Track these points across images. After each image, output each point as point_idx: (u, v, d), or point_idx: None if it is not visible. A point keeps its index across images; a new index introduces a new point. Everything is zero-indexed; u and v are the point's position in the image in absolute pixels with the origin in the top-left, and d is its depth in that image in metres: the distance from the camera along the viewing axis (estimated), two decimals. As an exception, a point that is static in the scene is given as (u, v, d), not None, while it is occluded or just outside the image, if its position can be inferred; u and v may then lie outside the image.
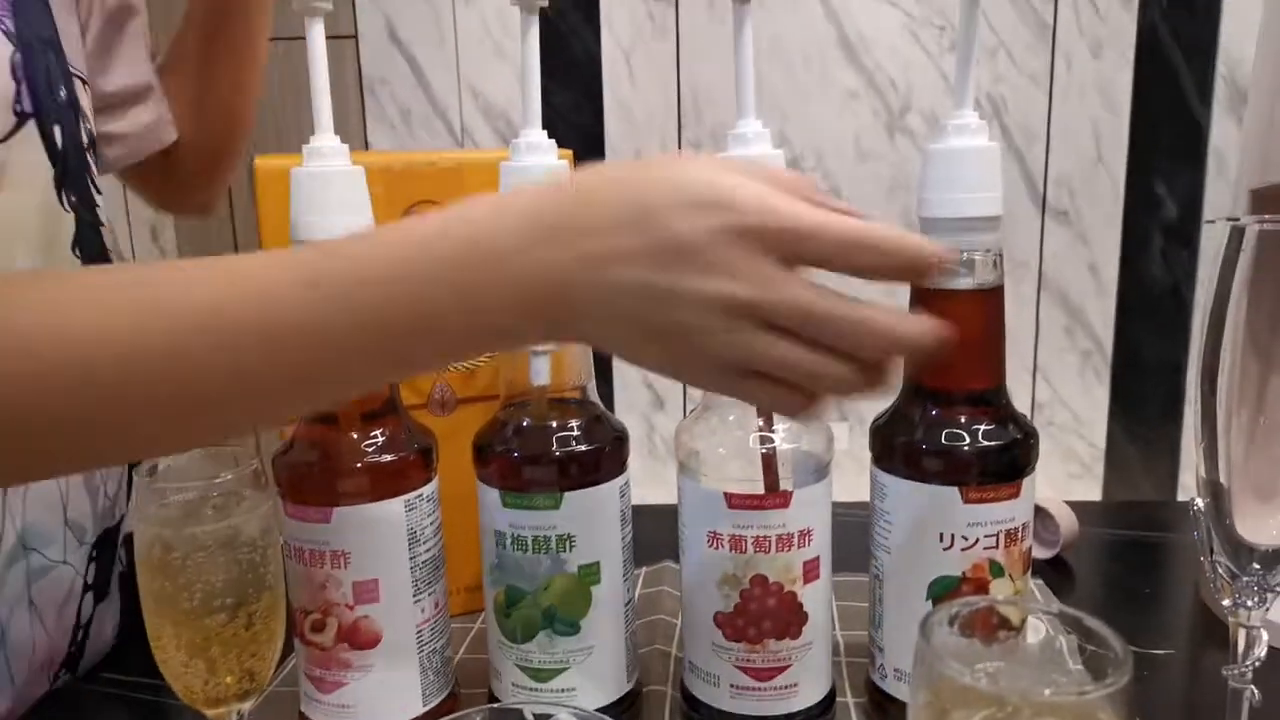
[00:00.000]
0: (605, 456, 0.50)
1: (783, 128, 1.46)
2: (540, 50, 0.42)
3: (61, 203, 0.56)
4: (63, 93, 0.57)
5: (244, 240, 1.61)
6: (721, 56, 1.60)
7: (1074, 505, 0.84)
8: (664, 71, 1.49)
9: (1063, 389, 1.48)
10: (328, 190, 0.42)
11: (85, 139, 0.60)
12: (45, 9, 0.57)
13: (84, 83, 0.63)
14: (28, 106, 0.53)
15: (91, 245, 0.59)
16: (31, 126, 0.54)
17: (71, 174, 0.58)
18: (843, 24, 1.43)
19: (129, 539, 0.64)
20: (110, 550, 0.64)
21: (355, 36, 1.51)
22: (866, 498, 0.55)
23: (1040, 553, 0.81)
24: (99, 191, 0.63)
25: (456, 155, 0.55)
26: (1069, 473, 1.48)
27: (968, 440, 0.46)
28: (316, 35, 0.43)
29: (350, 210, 0.43)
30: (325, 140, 0.43)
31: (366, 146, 1.55)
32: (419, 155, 0.53)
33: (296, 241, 0.44)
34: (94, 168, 0.62)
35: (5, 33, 0.51)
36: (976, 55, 0.44)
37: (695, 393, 1.34)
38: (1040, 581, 0.76)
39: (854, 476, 0.64)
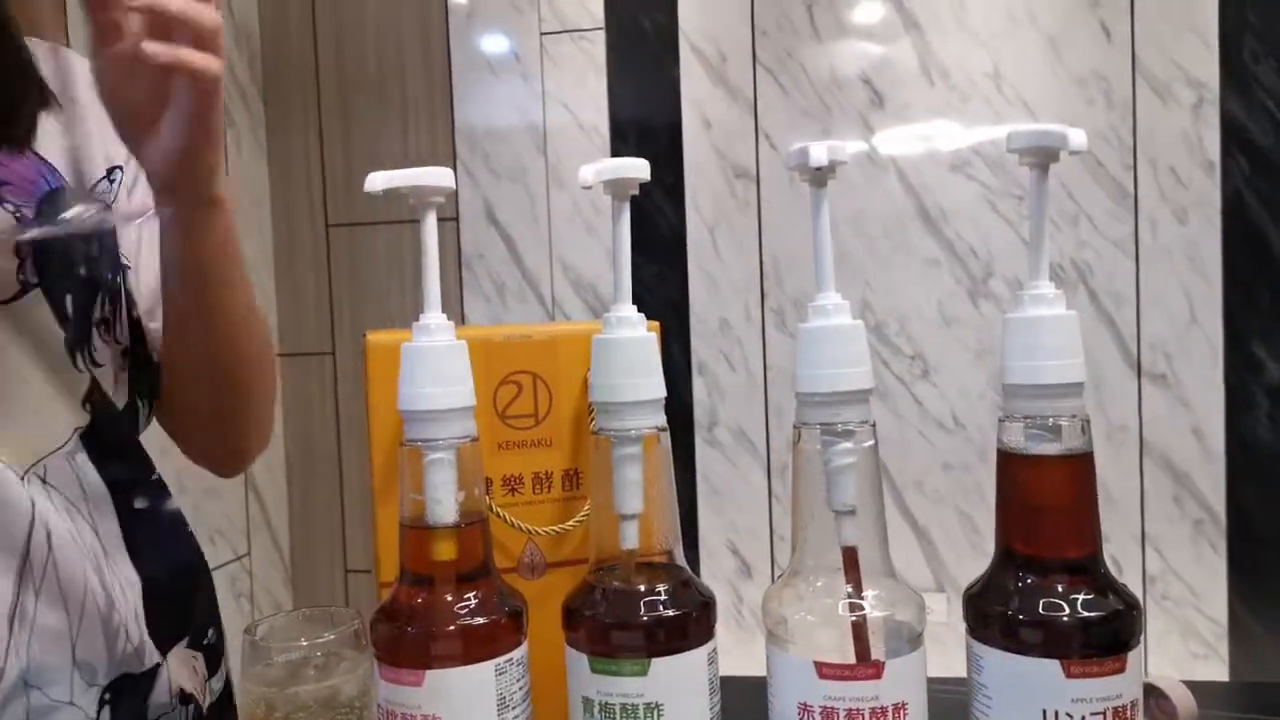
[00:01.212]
0: (693, 622, 0.50)
1: (865, 295, 1.49)
2: (630, 226, 0.45)
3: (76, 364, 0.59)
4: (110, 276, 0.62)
5: (345, 409, 1.69)
6: (801, 226, 1.66)
7: (1197, 686, 0.78)
8: (747, 243, 1.55)
9: (1175, 560, 1.40)
10: (435, 364, 0.46)
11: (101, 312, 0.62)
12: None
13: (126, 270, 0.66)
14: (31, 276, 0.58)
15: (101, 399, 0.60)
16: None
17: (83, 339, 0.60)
18: (921, 197, 1.48)
19: (187, 697, 0.64)
20: (135, 700, 0.62)
21: (456, 218, 1.62)
22: (965, 673, 0.53)
23: (1161, 738, 0.75)
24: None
25: (550, 328, 0.58)
26: (1191, 651, 1.38)
27: (1066, 610, 0.44)
28: (430, 224, 0.47)
29: (454, 381, 0.46)
30: (434, 318, 0.47)
31: (463, 317, 1.64)
32: (516, 328, 0.57)
33: (403, 412, 0.47)
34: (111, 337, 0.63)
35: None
36: (1051, 225, 0.45)
37: (783, 558, 1.31)
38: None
39: (955, 650, 0.62)
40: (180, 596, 0.65)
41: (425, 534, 0.45)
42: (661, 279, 1.54)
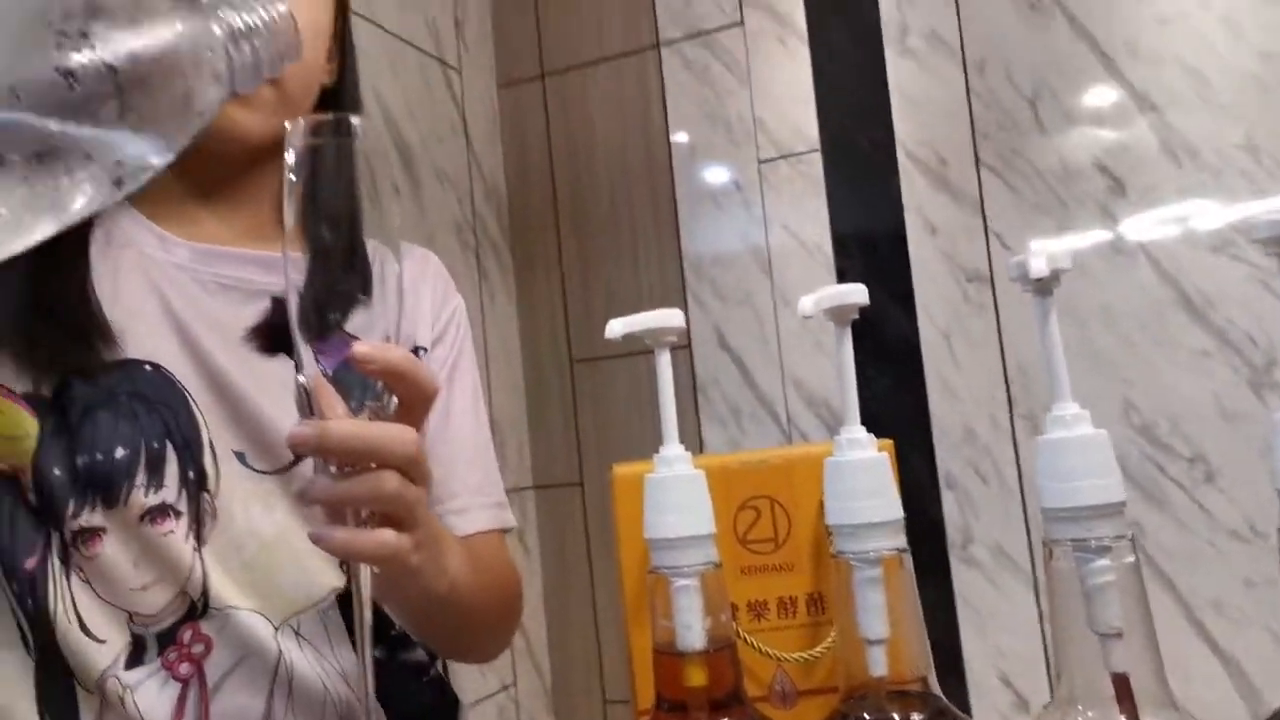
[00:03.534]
0: (952, 756, 0.48)
1: (1127, 394, 1.39)
2: (859, 339, 0.46)
3: None
4: None
5: (595, 539, 1.75)
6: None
7: None
8: (986, 348, 1.50)
9: None
10: (676, 493, 0.48)
11: None
12: None
13: None
14: None
15: None
16: None
17: None
18: (1180, 284, 1.37)
19: None
20: None
21: (689, 346, 1.69)
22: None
23: None
24: None
25: (784, 452, 0.59)
26: None
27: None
28: (664, 362, 0.51)
29: (693, 510, 0.49)
30: (672, 449, 0.50)
31: (701, 444, 1.67)
32: (752, 455, 0.58)
33: (648, 540, 0.49)
34: None
35: None
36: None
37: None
38: None
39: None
40: None
41: (676, 660, 0.47)
42: (897, 390, 1.51)
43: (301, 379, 0.40)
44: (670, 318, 0.50)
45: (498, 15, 1.87)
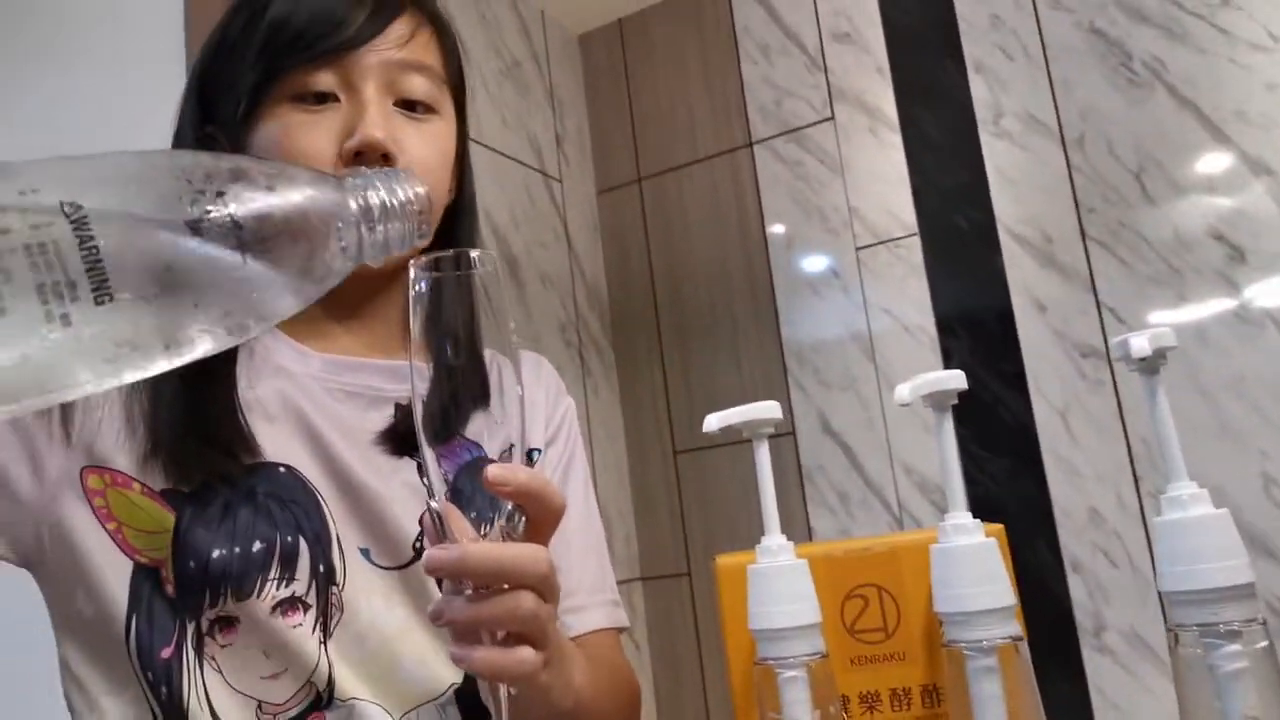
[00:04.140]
0: None
1: (1265, 468, 1.31)
2: (969, 422, 0.46)
3: None
4: None
5: (704, 628, 1.73)
6: (1172, 398, 1.48)
7: None
8: (1107, 425, 1.44)
9: None
10: (778, 584, 0.48)
11: None
12: None
13: None
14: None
15: None
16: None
17: None
18: (1315, 350, 1.30)
19: None
20: None
21: (793, 433, 1.67)
22: None
23: None
24: None
25: (890, 539, 0.59)
26: None
27: None
28: (763, 454, 0.51)
29: (797, 599, 0.48)
30: (774, 539, 0.50)
31: (809, 531, 1.64)
32: (856, 542, 0.58)
33: (753, 631, 0.49)
34: None
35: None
36: None
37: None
38: None
39: None
40: None
41: (786, 754, 0.46)
42: (1013, 473, 1.46)
43: (434, 504, 0.43)
44: (766, 410, 0.51)
45: (595, 127, 1.96)
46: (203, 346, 0.33)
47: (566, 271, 1.79)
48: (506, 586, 0.44)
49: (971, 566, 0.44)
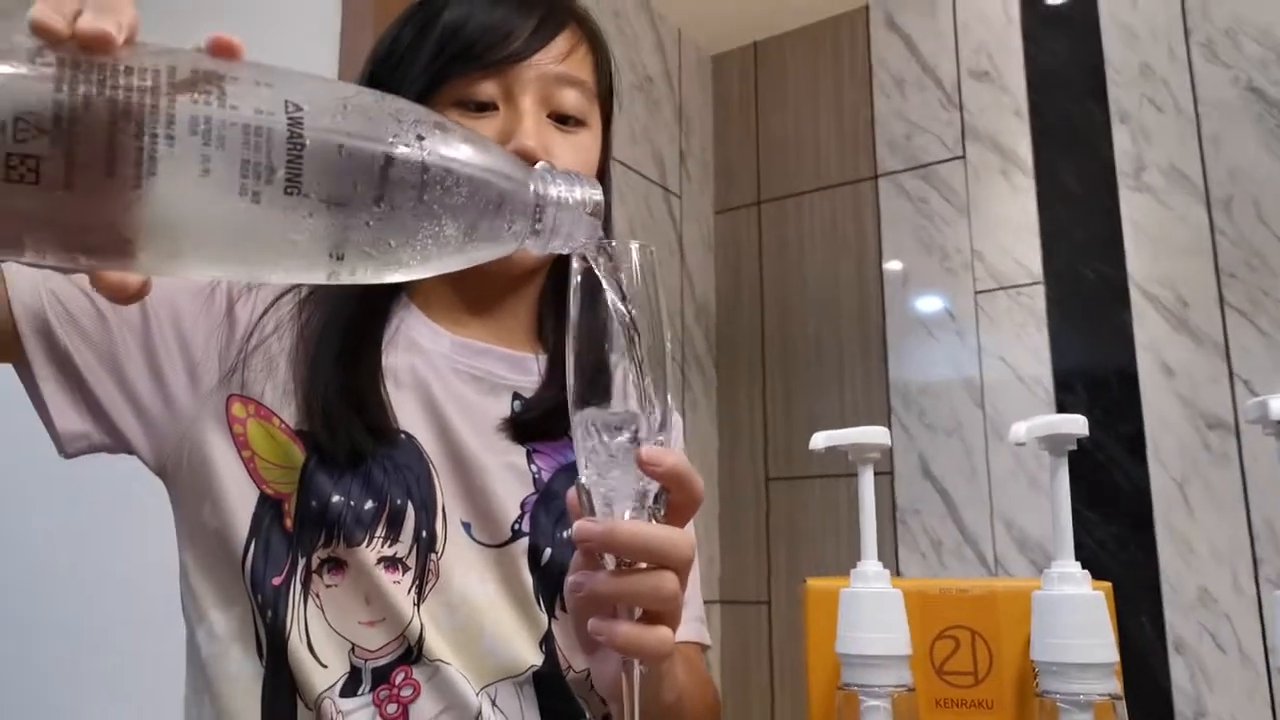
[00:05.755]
0: None
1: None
2: (1080, 481, 0.44)
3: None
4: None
5: (779, 657, 1.70)
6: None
7: None
8: (1229, 502, 1.36)
9: None
10: (873, 610, 0.47)
11: None
12: None
13: None
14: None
15: None
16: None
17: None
18: None
19: None
20: None
21: (891, 472, 1.64)
22: None
23: None
24: None
25: (988, 583, 0.57)
26: None
27: None
28: (867, 479, 0.51)
29: (890, 628, 0.48)
30: (871, 565, 0.49)
31: (897, 572, 1.60)
32: (952, 582, 0.56)
33: (840, 655, 0.49)
34: None
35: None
36: None
37: None
38: None
39: None
40: None
41: (860, 785, 0.45)
42: (1122, 541, 1.39)
43: (583, 479, 0.44)
44: (875, 434, 0.50)
45: (719, 147, 1.97)
46: (361, 271, 0.35)
47: (677, 287, 1.81)
48: (645, 566, 0.44)
49: (1075, 616, 0.43)
